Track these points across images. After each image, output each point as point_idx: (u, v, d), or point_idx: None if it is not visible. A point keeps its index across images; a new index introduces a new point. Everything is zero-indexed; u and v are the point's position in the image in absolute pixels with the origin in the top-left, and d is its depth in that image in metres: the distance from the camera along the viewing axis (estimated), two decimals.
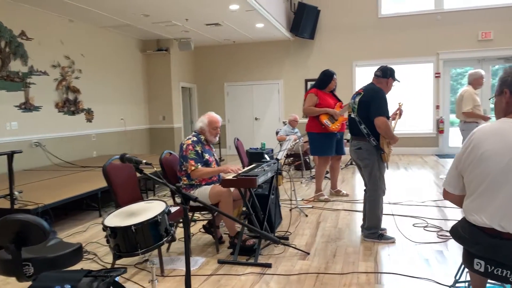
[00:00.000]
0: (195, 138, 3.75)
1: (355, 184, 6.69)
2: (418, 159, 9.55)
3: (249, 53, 11.30)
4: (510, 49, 9.60)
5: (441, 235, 3.97)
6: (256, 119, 11.46)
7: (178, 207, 3.54)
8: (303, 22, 9.99)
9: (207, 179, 3.75)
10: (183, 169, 3.72)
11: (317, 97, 5.45)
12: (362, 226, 4.09)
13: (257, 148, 6.38)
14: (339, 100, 5.62)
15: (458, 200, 2.02)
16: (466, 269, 2.48)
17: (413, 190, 6.07)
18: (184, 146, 3.70)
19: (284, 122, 8.79)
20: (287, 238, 3.99)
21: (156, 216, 2.30)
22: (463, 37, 9.83)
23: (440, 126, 10.27)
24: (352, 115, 3.97)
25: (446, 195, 2.07)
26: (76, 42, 7.77)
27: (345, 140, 6.02)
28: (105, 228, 2.32)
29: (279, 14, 9.28)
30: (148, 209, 2.45)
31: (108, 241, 2.35)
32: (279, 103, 11.27)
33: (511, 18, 9.47)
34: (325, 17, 10.52)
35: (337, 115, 5.38)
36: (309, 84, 10.91)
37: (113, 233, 2.27)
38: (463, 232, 1.87)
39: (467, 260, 1.85)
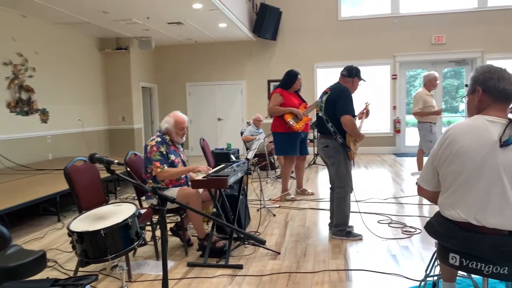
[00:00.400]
0: (159, 139, 3.63)
1: (320, 183, 6.78)
2: (377, 158, 9.83)
3: (211, 53, 11.20)
4: (460, 52, 10.11)
5: (405, 231, 4.09)
6: (219, 119, 11.37)
7: (145, 209, 3.42)
8: (265, 23, 10.03)
9: (174, 181, 3.65)
10: (149, 171, 3.60)
11: (282, 97, 5.48)
12: (330, 224, 4.14)
13: (223, 149, 6.32)
14: (303, 101, 5.68)
15: (433, 197, 2.06)
16: (436, 264, 2.56)
17: (375, 188, 6.23)
18: (148, 147, 3.58)
19: (248, 123, 8.78)
20: None
21: (126, 219, 2.20)
22: (418, 41, 10.24)
23: (397, 126, 10.64)
24: (320, 114, 4.02)
25: (421, 191, 2.11)
26: (29, 39, 7.36)
27: (308, 140, 6.09)
28: (71, 233, 2.19)
29: (242, 15, 9.27)
30: (117, 212, 2.34)
31: (74, 247, 2.22)
32: (242, 104, 11.24)
33: (462, 23, 9.97)
34: (287, 19, 10.62)
35: (301, 114, 5.43)
36: (272, 85, 10.98)
37: (80, 238, 2.14)
38: (439, 227, 1.91)
39: (442, 255, 1.90)
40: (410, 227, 4.22)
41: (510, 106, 1.90)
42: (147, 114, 11.11)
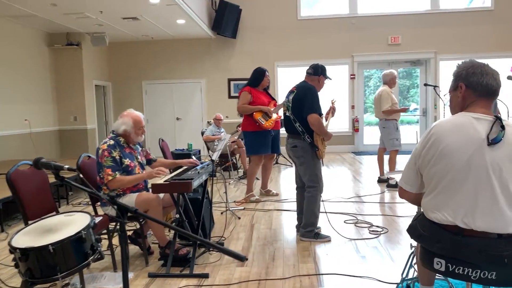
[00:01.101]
0: (111, 142, 3.34)
1: (283, 183, 6.67)
2: (337, 156, 9.90)
3: (169, 51, 10.84)
4: (415, 53, 10.39)
5: (372, 231, 4.05)
6: (177, 119, 11.02)
7: (101, 217, 3.13)
8: (225, 20, 9.83)
9: (131, 186, 3.38)
10: (101, 176, 3.30)
11: (250, 95, 5.33)
12: (298, 226, 4.02)
13: (184, 149, 6.06)
14: (273, 98, 5.56)
15: (415, 199, 1.97)
16: (413, 267, 2.48)
17: (338, 187, 6.21)
18: (100, 151, 3.28)
19: (209, 122, 8.54)
20: (222, 244, 3.77)
21: (80, 232, 1.94)
22: (375, 41, 10.42)
23: (355, 125, 10.77)
24: (287, 114, 3.90)
25: (403, 193, 2.00)
26: None
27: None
28: (12, 250, 1.90)
29: (201, 11, 9.01)
30: (69, 223, 2.07)
31: (17, 266, 1.93)
32: (202, 103, 10.97)
33: (417, 24, 10.25)
34: (247, 17, 10.46)
35: (270, 112, 5.30)
36: (232, 83, 10.79)
37: (24, 255, 1.86)
38: (423, 230, 1.81)
39: (426, 259, 1.80)
40: (377, 226, 4.18)
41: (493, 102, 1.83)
42: (101, 113, 10.58)
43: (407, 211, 4.70)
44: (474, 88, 1.80)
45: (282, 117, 4.09)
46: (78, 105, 9.36)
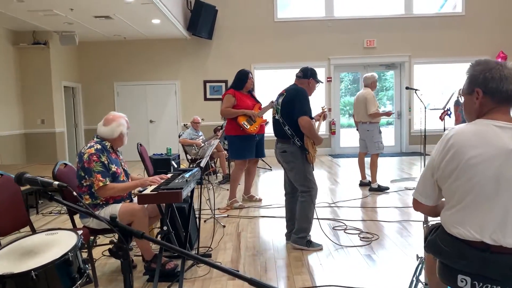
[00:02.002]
0: (99, 146, 3.09)
1: (264, 188, 6.52)
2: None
3: (142, 51, 10.49)
4: (390, 56, 10.51)
5: (363, 238, 3.96)
6: (151, 121, 10.69)
7: (81, 231, 2.87)
8: (201, 21, 9.60)
9: (115, 196, 3.14)
10: (85, 184, 3.05)
11: (234, 98, 5.17)
12: (287, 234, 3.89)
13: (162, 154, 5.80)
14: (257, 101, 5.40)
15: (432, 211, 1.84)
16: (420, 281, 2.38)
17: (320, 191, 6.11)
18: (86, 156, 3.02)
19: (185, 125, 8.29)
20: (210, 255, 3.58)
21: (66, 254, 1.72)
22: (351, 44, 10.47)
23: (332, 128, 10.78)
24: (276, 117, 3.76)
25: (418, 206, 1.86)
26: None
27: None
28: None
29: (177, 11, 8.75)
30: (52, 243, 1.83)
31: None
32: (177, 105, 10.68)
33: (391, 28, 10.37)
34: (223, 17, 10.27)
35: (255, 116, 5.15)
36: (208, 85, 10.58)
37: (1, 283, 1.62)
38: (445, 246, 1.70)
39: (448, 277, 1.69)
40: (367, 232, 4.10)
41: None
42: (70, 116, 10.10)
43: (393, 216, 4.66)
44: (493, 94, 1.68)
45: (271, 121, 3.94)
46: (45, 107, 8.88)
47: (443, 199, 1.79)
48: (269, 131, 5.67)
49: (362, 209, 5.08)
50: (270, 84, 10.07)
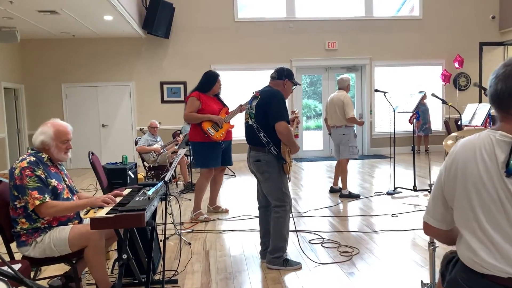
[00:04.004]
0: (32, 158, 2.56)
1: (229, 197, 6.12)
2: None
3: (92, 50, 9.76)
4: (352, 59, 10.45)
5: (343, 252, 3.66)
6: (103, 126, 9.95)
7: (19, 264, 2.35)
8: (158, 18, 9.04)
9: (60, 216, 2.62)
10: (19, 206, 2.51)
11: (199, 102, 4.74)
12: (262, 252, 3.52)
13: (117, 163, 5.25)
14: (224, 105, 4.99)
15: (447, 237, 1.57)
16: None
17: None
18: (17, 171, 2.49)
19: (141, 130, 7.72)
20: (176, 281, 3.13)
21: None
22: (313, 46, 10.30)
23: (295, 131, 10.52)
24: (250, 122, 3.39)
25: (429, 230, 1.59)
26: None
27: None
28: None
29: (131, 7, 8.17)
30: None
31: None
32: (132, 108, 10.02)
33: (352, 30, 10.31)
34: (181, 16, 9.76)
35: (221, 122, 4.74)
36: (166, 87, 10.03)
37: None
38: (468, 284, 1.40)
39: None
40: (346, 246, 3.82)
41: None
42: (11, 121, 9.18)
43: (369, 225, 4.42)
44: (491, 99, 1.44)
45: (243, 126, 3.56)
46: None
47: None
48: (237, 135, 5.31)
49: (335, 218, 4.81)
50: (230, 86, 9.67)
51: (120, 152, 9.16)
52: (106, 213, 2.36)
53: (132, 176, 5.14)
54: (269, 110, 3.25)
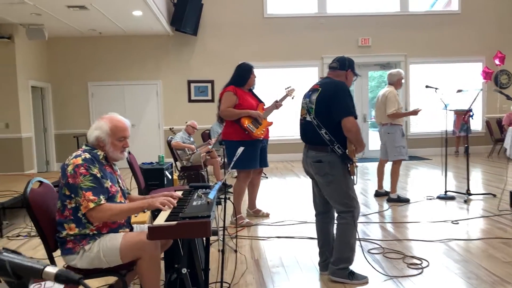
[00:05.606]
0: (87, 155, 2.27)
1: (267, 200, 5.76)
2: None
3: (119, 48, 9.56)
4: (386, 56, 10.01)
5: (411, 264, 3.27)
6: (132, 125, 9.72)
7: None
8: (186, 15, 8.77)
9: (110, 223, 2.32)
10: (69, 207, 2.22)
11: (236, 96, 4.41)
12: (322, 262, 3.16)
13: (153, 163, 4.97)
14: (260, 101, 4.65)
15: None
16: None
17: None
18: (70, 169, 2.20)
19: (171, 129, 7.45)
20: None
21: None
22: (345, 43, 9.89)
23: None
24: (308, 118, 3.03)
25: None
26: None
27: None
28: None
29: (160, 2, 7.92)
30: None
31: None
32: (158, 107, 9.79)
33: (387, 26, 9.87)
34: (209, 12, 9.49)
35: (261, 117, 4.41)
36: (193, 85, 9.75)
37: None
38: None
39: None
40: (412, 257, 3.42)
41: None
42: (38, 120, 9.04)
43: (432, 234, 4.01)
44: None
45: (299, 124, 3.21)
46: (10, 110, 7.83)
47: None
48: (274, 135, 4.96)
49: (388, 224, 4.42)
50: (259, 84, 9.32)
51: (148, 152, 8.97)
52: (165, 220, 2.04)
53: (170, 176, 4.85)
54: (334, 104, 2.89)
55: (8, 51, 7.80)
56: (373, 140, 10.18)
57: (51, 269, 0.75)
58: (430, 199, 5.41)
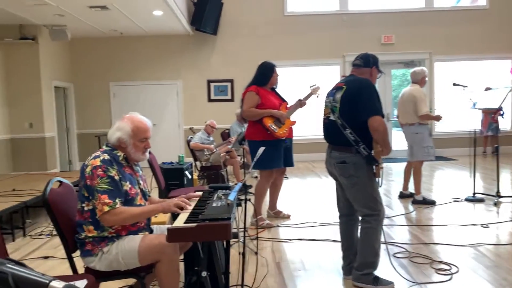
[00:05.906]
0: (106, 156, 2.24)
1: (288, 201, 5.67)
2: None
3: (140, 48, 9.62)
4: (409, 53, 9.76)
5: (439, 270, 3.13)
6: (153, 125, 9.77)
7: (85, 281, 2.02)
8: (206, 14, 8.75)
9: (129, 225, 2.28)
10: (86, 209, 2.19)
11: (258, 96, 4.33)
12: (346, 266, 3.05)
13: (173, 163, 4.95)
14: (283, 100, 4.57)
15: None
16: None
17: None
18: (88, 170, 2.17)
19: (191, 129, 7.44)
20: None
21: None
22: (367, 40, 9.68)
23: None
24: (332, 117, 2.93)
25: None
26: None
27: None
28: None
29: (180, 2, 7.91)
30: None
31: None
32: (178, 107, 9.80)
33: (410, 23, 9.63)
34: (229, 11, 9.44)
35: (284, 117, 4.32)
36: (213, 85, 9.73)
37: None
38: None
39: None
40: (440, 262, 3.28)
41: None
42: (61, 119, 9.18)
43: (460, 238, 3.85)
44: None
45: (322, 123, 3.11)
46: (34, 110, 7.97)
47: None
48: (295, 134, 4.86)
49: (413, 227, 4.26)
50: (280, 83, 9.23)
51: (168, 152, 8.98)
52: (185, 222, 1.99)
53: (189, 176, 4.81)
54: (360, 103, 2.77)
55: (33, 52, 7.93)
56: (397, 140, 9.96)
57: (56, 284, 0.69)
58: (458, 201, 5.21)
